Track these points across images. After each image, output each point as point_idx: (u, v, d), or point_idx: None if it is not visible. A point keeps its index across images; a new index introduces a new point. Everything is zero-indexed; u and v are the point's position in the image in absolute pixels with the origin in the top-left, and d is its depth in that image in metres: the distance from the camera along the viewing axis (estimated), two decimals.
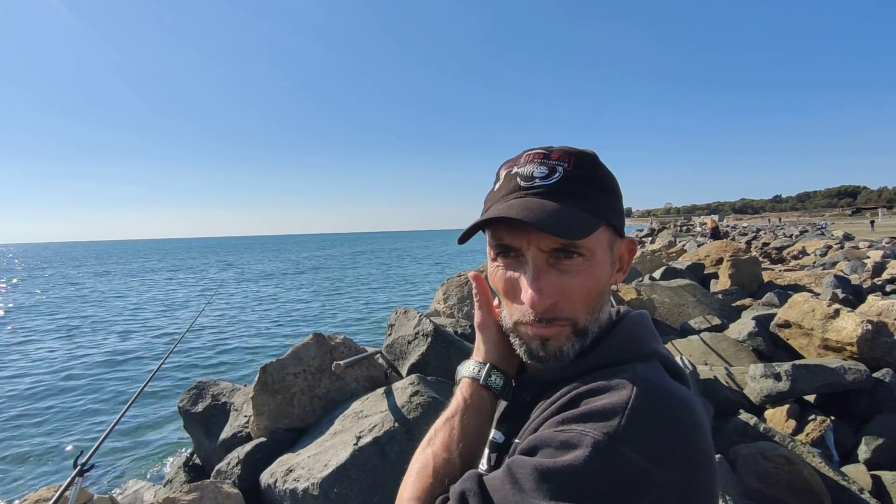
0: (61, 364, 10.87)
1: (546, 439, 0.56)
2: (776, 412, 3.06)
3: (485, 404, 0.74)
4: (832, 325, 3.60)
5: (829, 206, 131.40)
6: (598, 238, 0.64)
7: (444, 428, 0.72)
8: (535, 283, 0.63)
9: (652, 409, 0.54)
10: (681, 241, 19.23)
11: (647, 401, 0.55)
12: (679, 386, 0.61)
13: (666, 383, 0.59)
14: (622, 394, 0.56)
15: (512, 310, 0.68)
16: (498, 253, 0.68)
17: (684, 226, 52.85)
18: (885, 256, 9.78)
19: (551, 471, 0.52)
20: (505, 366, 0.76)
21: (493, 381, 0.74)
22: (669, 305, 5.55)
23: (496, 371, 0.75)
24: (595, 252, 0.64)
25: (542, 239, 0.62)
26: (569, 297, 0.64)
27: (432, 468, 0.67)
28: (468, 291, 5.36)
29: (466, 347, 3.47)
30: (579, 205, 0.63)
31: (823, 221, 46.88)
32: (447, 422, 0.73)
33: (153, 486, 4.22)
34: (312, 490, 2.36)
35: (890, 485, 2.48)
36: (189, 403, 3.78)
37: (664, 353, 0.68)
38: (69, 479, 1.71)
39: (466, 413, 0.72)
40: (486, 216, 0.65)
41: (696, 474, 0.53)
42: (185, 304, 21.24)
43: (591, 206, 0.64)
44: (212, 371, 9.87)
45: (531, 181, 0.65)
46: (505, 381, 0.75)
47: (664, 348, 0.69)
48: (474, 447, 0.71)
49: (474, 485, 0.59)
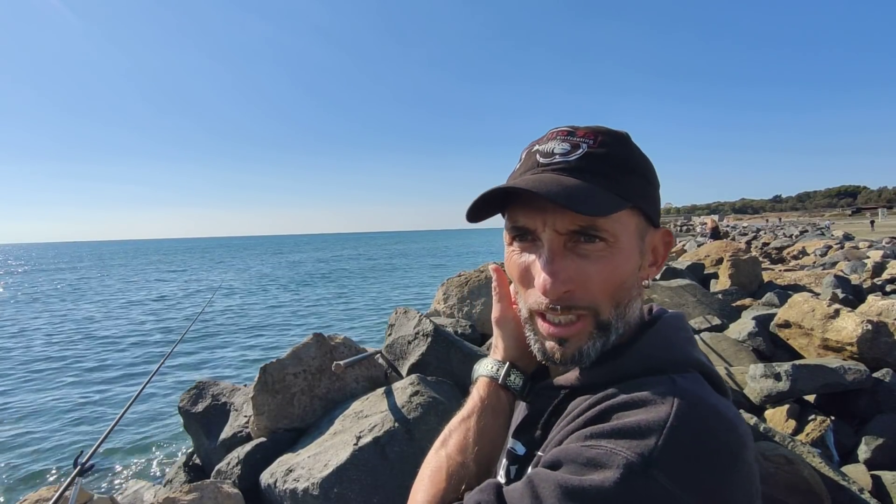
0: (61, 364, 10.87)
1: (572, 454, 0.50)
2: (776, 412, 3.06)
3: (503, 405, 0.70)
4: (832, 325, 3.59)
5: (829, 206, 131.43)
6: (623, 222, 0.58)
7: (460, 429, 0.67)
8: (548, 267, 0.57)
9: (693, 430, 0.48)
10: (681, 241, 19.22)
11: (688, 420, 0.49)
12: (725, 403, 0.55)
13: (710, 399, 0.52)
14: (660, 410, 0.49)
15: (526, 297, 0.63)
16: (514, 237, 0.63)
17: (684, 226, 52.88)
18: (885, 256, 9.77)
19: (576, 490, 0.48)
20: (525, 363, 0.72)
21: (511, 381, 0.70)
22: (669, 305, 5.55)
23: (515, 370, 0.71)
24: (619, 238, 0.58)
25: (559, 219, 0.57)
26: (586, 285, 0.57)
27: (446, 472, 0.63)
28: (468, 291, 5.35)
29: (467, 348, 3.47)
30: (602, 183, 0.57)
31: (826, 221, 46.43)
32: (463, 422, 0.68)
33: (153, 486, 4.22)
34: (312, 490, 2.36)
35: (890, 485, 2.48)
36: (189, 403, 3.78)
37: (704, 361, 0.61)
38: (69, 479, 1.71)
39: (484, 414, 0.68)
40: (494, 188, 0.60)
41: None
42: (186, 304, 21.24)
43: (617, 187, 0.57)
44: (212, 371, 9.87)
45: (551, 157, 0.60)
46: (524, 380, 0.71)
47: (703, 355, 0.62)
48: (491, 451, 0.67)
49: (492, 496, 0.55)
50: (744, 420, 0.54)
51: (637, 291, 0.62)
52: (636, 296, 0.62)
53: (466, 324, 4.76)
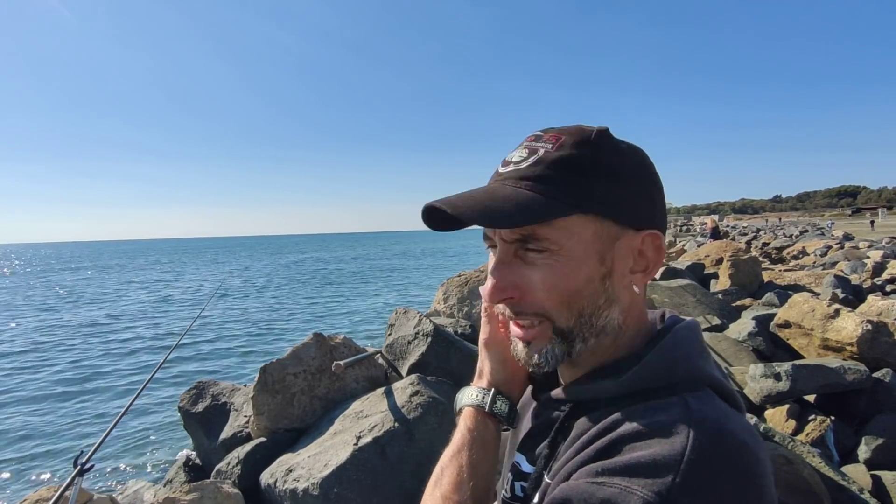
0: (61, 364, 10.87)
1: (583, 494, 0.47)
2: (776, 412, 3.06)
3: (491, 434, 0.69)
4: (832, 325, 3.59)
5: (829, 206, 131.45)
6: (572, 230, 0.55)
7: (452, 466, 0.66)
8: (491, 273, 0.58)
9: (712, 463, 0.45)
10: (681, 241, 19.24)
11: (706, 451, 0.45)
12: (743, 424, 0.51)
13: (726, 424, 0.49)
14: (676, 442, 0.46)
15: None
16: (487, 245, 0.64)
17: (684, 226, 52.87)
18: (885, 256, 9.77)
19: None
20: (509, 388, 0.71)
21: (498, 408, 0.69)
22: (669, 305, 5.55)
23: (501, 396, 0.70)
24: (564, 245, 0.55)
25: (503, 229, 0.58)
26: (531, 293, 0.57)
27: None
28: (468, 291, 5.36)
29: (466, 348, 3.47)
30: (547, 190, 0.54)
31: (829, 221, 46.04)
32: (453, 458, 0.66)
33: (153, 486, 4.22)
34: (312, 490, 2.36)
35: (890, 485, 2.48)
36: (189, 403, 3.78)
37: (716, 375, 0.56)
38: (69, 479, 1.71)
39: (473, 447, 0.67)
40: (424, 205, 0.60)
41: None
42: (186, 304, 21.24)
43: (567, 192, 0.54)
44: (212, 371, 9.87)
45: (507, 166, 0.59)
46: (510, 406, 0.71)
47: (716, 368, 0.58)
48: (486, 485, 0.66)
49: None
50: (759, 438, 0.50)
51: (606, 299, 0.58)
52: (605, 304, 0.58)
53: (466, 324, 4.76)
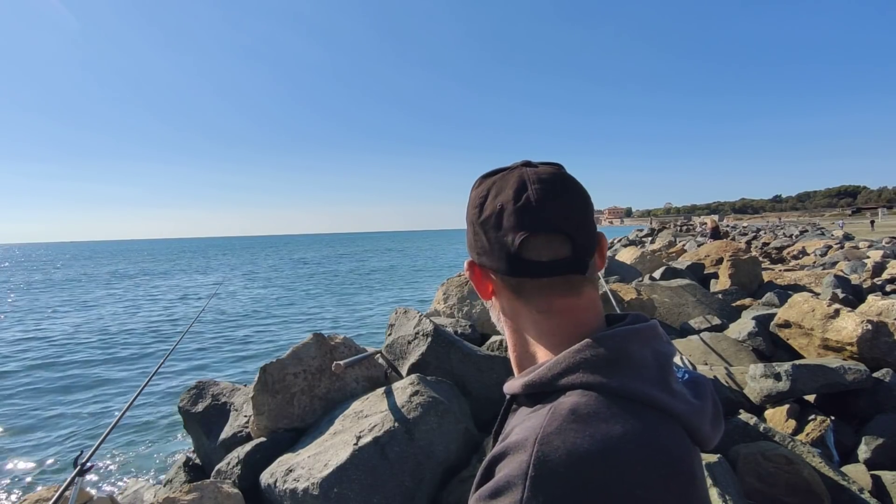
0: (61, 364, 10.87)
1: None
2: (776, 412, 3.06)
3: None
4: (832, 325, 3.59)
5: (829, 205, 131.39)
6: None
7: None
8: None
9: (553, 476, 0.45)
10: (681, 241, 19.21)
11: (545, 466, 0.45)
12: (602, 430, 0.47)
13: (576, 432, 0.47)
14: (521, 459, 0.46)
15: None
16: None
17: (684, 226, 52.83)
18: (885, 256, 9.77)
19: None
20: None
21: None
22: (669, 305, 5.55)
23: None
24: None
25: None
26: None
27: None
28: (468, 291, 5.36)
29: (466, 348, 3.47)
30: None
31: (839, 221, 45.42)
32: None
33: (153, 486, 4.22)
34: (312, 490, 2.36)
35: (890, 485, 2.48)
36: (189, 403, 3.78)
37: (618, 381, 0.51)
38: (69, 479, 1.71)
39: None
40: None
41: None
42: (186, 304, 21.24)
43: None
44: (212, 371, 9.87)
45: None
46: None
47: (638, 378, 0.52)
48: None
49: None
50: (637, 439, 0.47)
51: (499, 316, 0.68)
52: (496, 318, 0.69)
53: (466, 324, 4.76)
